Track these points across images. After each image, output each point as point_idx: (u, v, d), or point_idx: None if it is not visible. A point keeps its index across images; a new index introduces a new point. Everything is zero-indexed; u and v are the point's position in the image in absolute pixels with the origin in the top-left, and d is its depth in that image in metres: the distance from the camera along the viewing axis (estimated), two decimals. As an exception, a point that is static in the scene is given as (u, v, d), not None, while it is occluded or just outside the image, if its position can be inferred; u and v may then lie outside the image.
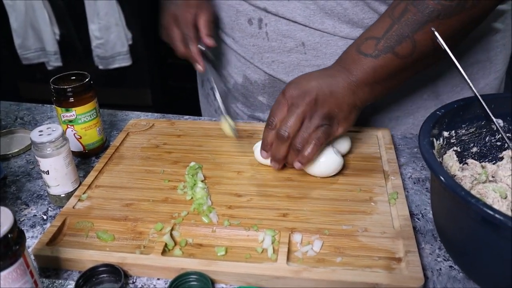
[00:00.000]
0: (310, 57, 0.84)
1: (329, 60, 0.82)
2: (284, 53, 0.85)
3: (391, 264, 0.57)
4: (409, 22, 0.66)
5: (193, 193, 0.68)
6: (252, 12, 0.83)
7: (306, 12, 0.79)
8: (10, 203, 0.71)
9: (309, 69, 0.84)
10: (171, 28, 0.82)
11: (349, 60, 0.70)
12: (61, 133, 0.66)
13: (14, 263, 0.46)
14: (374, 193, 0.69)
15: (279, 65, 0.86)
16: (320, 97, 0.68)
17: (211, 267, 0.56)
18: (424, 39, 0.66)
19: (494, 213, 0.44)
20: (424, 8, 0.65)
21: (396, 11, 0.68)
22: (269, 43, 0.85)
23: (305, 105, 0.67)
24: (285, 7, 0.80)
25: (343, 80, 0.69)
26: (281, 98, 0.70)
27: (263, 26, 0.83)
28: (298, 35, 0.82)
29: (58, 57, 2.36)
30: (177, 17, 0.81)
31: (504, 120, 0.64)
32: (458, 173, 0.62)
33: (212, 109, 1.04)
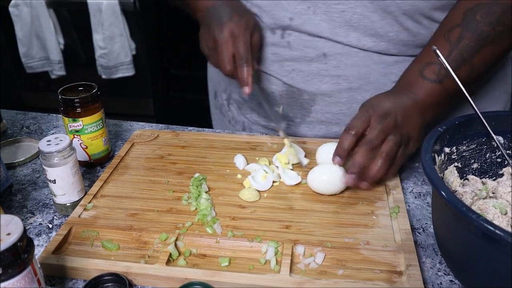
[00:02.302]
0: (330, 67, 0.84)
1: (348, 70, 0.84)
2: (305, 62, 0.85)
3: (392, 277, 0.58)
4: (467, 48, 0.70)
5: (197, 204, 0.69)
6: (273, 25, 0.84)
7: (331, 24, 0.80)
8: (16, 211, 0.72)
9: (328, 78, 0.85)
10: (225, 45, 0.77)
11: (414, 85, 0.73)
12: (68, 143, 0.67)
13: (22, 271, 0.47)
14: (376, 206, 0.70)
15: (298, 74, 0.87)
16: (399, 119, 0.70)
17: (215, 277, 0.57)
18: (481, 61, 0.71)
19: (494, 229, 0.45)
20: (479, 34, 0.70)
21: (452, 36, 0.71)
22: (290, 52, 0.85)
23: (387, 123, 0.69)
24: (311, 20, 0.80)
25: (412, 103, 0.72)
26: (363, 112, 0.70)
27: (286, 36, 0.84)
28: (321, 46, 0.83)
29: (62, 66, 2.38)
30: (234, 35, 0.77)
31: (504, 137, 0.66)
32: (459, 189, 0.63)
33: (226, 120, 1.04)
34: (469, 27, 0.70)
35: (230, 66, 0.78)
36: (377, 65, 0.83)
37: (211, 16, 0.81)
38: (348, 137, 0.68)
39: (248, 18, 0.81)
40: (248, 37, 0.78)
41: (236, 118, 1.01)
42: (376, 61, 0.83)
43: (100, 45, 2.25)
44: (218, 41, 0.78)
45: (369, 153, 0.68)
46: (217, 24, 0.78)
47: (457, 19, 0.73)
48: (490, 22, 0.70)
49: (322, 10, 0.79)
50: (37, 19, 2.25)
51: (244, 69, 0.77)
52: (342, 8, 0.78)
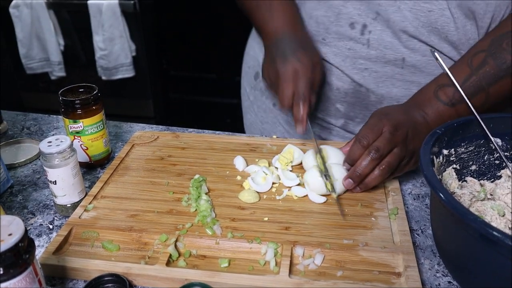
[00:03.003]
0: (406, 72, 0.83)
1: (424, 78, 0.83)
2: (380, 63, 0.84)
3: (390, 278, 0.58)
4: (487, 75, 0.70)
5: (197, 205, 0.69)
6: (357, 16, 0.82)
7: (415, 22, 0.78)
8: (16, 212, 0.72)
9: (401, 83, 0.85)
10: (286, 82, 0.77)
11: (427, 104, 0.74)
12: (69, 144, 0.67)
13: (24, 271, 0.47)
14: (374, 208, 0.70)
15: (371, 74, 0.86)
16: (409, 134, 0.71)
17: (215, 278, 0.57)
18: (498, 92, 0.71)
19: (492, 231, 0.45)
20: (502, 63, 0.69)
21: (475, 61, 0.71)
22: (367, 50, 0.84)
23: (398, 135, 0.69)
24: (396, 13, 0.79)
25: (423, 122, 0.73)
26: (376, 121, 0.71)
27: (366, 33, 0.82)
28: (401, 50, 0.82)
29: (62, 67, 2.38)
30: (298, 73, 0.77)
31: (502, 140, 0.66)
32: (457, 191, 0.63)
33: (268, 103, 1.02)
34: (494, 54, 0.70)
35: (289, 103, 0.77)
36: None
37: (276, 49, 0.81)
38: (359, 148, 0.70)
39: (313, 55, 0.80)
40: (309, 75, 0.77)
41: None
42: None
43: (100, 47, 2.25)
44: (280, 76, 0.77)
45: (373, 162, 0.69)
46: (282, 59, 0.78)
47: (484, 45, 0.73)
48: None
49: (409, 6, 0.78)
50: (38, 20, 2.25)
51: (300, 108, 0.76)
52: (430, 8, 0.77)
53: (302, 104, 0.76)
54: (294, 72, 0.77)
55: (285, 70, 0.77)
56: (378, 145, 0.68)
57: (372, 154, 0.69)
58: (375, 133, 0.70)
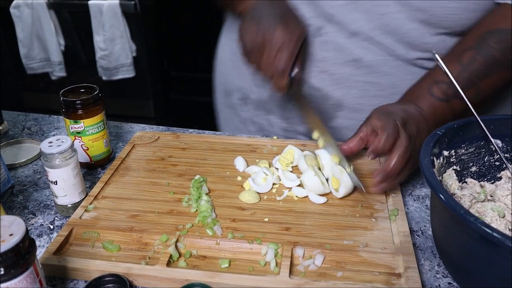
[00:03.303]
0: (362, 73, 0.84)
1: (381, 78, 0.84)
2: (337, 65, 0.84)
3: (391, 279, 0.58)
4: (477, 71, 0.72)
5: (197, 205, 0.70)
6: (311, 18, 0.82)
7: (370, 24, 0.79)
8: (17, 212, 0.72)
9: (358, 84, 0.85)
10: (273, 49, 0.75)
11: (421, 99, 0.75)
12: (70, 144, 0.67)
13: (24, 271, 0.47)
14: (375, 209, 0.70)
15: (327, 76, 0.86)
16: (415, 129, 0.71)
17: (215, 279, 0.57)
18: (488, 86, 0.73)
19: (492, 232, 0.45)
20: (491, 60, 0.71)
21: (464, 59, 0.72)
22: (321, 53, 0.84)
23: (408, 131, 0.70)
24: (350, 16, 0.79)
25: (420, 115, 0.73)
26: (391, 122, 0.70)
27: (320, 35, 0.83)
28: (355, 51, 0.82)
29: (62, 67, 2.38)
30: (285, 42, 0.75)
31: (502, 141, 0.66)
32: (458, 192, 0.63)
33: (237, 120, 1.02)
34: (482, 51, 0.72)
35: (271, 71, 0.76)
36: (407, 75, 0.83)
37: (262, 11, 0.78)
38: (388, 139, 0.69)
39: (300, 28, 0.79)
40: (297, 49, 0.76)
41: (253, 119, 0.99)
42: (407, 72, 0.83)
43: (100, 47, 2.25)
44: (268, 41, 0.75)
45: (403, 159, 0.69)
46: (270, 23, 0.75)
47: (471, 43, 0.74)
48: (502, 48, 0.72)
49: (363, 8, 0.79)
50: (38, 20, 2.25)
51: (280, 80, 0.76)
52: (384, 11, 0.78)
53: (281, 76, 0.76)
54: (283, 40, 0.75)
55: (274, 37, 0.75)
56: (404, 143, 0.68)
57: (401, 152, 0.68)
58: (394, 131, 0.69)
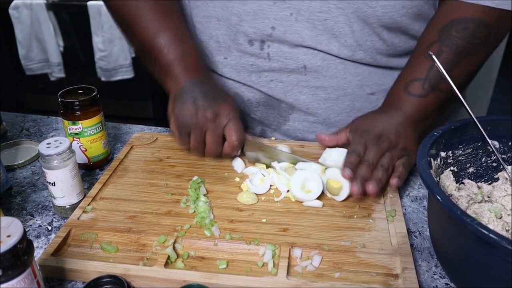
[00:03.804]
0: (310, 78, 0.86)
1: (327, 82, 0.86)
2: (284, 73, 0.87)
3: (388, 280, 0.58)
4: (446, 61, 0.73)
5: (195, 206, 0.70)
6: (253, 34, 0.84)
7: (313, 32, 0.81)
8: (15, 213, 0.72)
9: (307, 89, 0.87)
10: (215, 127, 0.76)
11: (402, 101, 0.77)
12: (68, 146, 0.68)
13: (22, 272, 0.47)
14: (372, 210, 0.70)
15: (277, 84, 0.88)
16: (392, 139, 0.73)
17: (213, 280, 0.57)
18: (460, 74, 0.75)
19: (489, 233, 0.45)
20: (456, 48, 0.74)
21: (431, 52, 0.73)
22: (269, 63, 0.86)
23: (382, 145, 0.72)
24: (293, 27, 0.81)
25: (403, 120, 0.75)
26: (358, 138, 0.73)
27: (265, 48, 0.85)
28: (301, 58, 0.84)
29: (61, 68, 2.39)
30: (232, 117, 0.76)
31: (499, 142, 0.66)
32: (455, 193, 0.64)
33: None
34: (446, 42, 0.74)
35: (218, 149, 0.77)
36: (353, 77, 0.86)
37: (196, 91, 0.77)
38: (353, 156, 0.71)
39: (233, 100, 0.80)
40: (236, 115, 0.77)
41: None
42: (353, 73, 0.86)
43: (99, 48, 2.26)
44: (210, 120, 0.75)
45: (369, 168, 0.70)
46: (209, 102, 0.76)
47: (434, 36, 0.76)
48: (465, 36, 0.74)
49: (305, 17, 0.80)
50: (37, 21, 2.26)
51: (233, 151, 0.78)
52: (325, 17, 0.79)
53: (238, 148, 0.78)
54: (225, 116, 0.76)
55: (214, 115, 0.75)
56: (367, 158, 0.70)
57: (366, 165, 0.70)
58: (362, 147, 0.72)
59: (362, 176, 0.69)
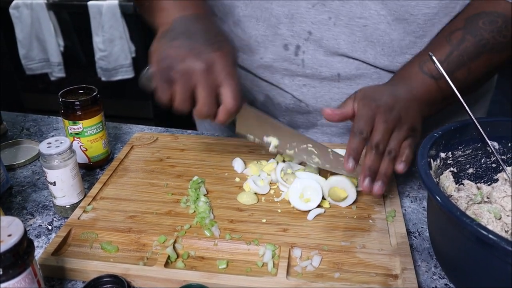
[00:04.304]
0: (343, 85, 0.85)
1: None
2: (317, 80, 0.85)
3: (388, 280, 0.58)
4: (467, 51, 0.71)
5: (195, 206, 0.70)
6: (290, 37, 0.82)
7: (350, 38, 0.79)
8: (15, 213, 0.72)
9: (338, 96, 0.86)
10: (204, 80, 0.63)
11: (413, 78, 0.73)
12: (69, 145, 0.68)
13: (23, 272, 0.47)
14: (372, 210, 0.71)
15: (309, 90, 0.86)
16: (402, 113, 0.69)
17: (213, 279, 0.57)
18: (478, 67, 0.72)
19: (488, 234, 0.45)
20: (480, 40, 0.71)
21: (454, 38, 0.72)
22: (303, 69, 0.84)
23: (391, 120, 0.67)
24: (330, 31, 0.80)
25: (411, 97, 0.71)
26: (367, 109, 0.68)
27: (300, 54, 0.83)
28: (335, 66, 0.82)
29: (61, 68, 2.39)
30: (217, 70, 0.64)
31: (499, 143, 0.66)
32: (454, 194, 0.64)
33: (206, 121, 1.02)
34: (471, 31, 0.71)
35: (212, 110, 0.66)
36: None
37: (186, 28, 0.66)
38: (357, 140, 0.66)
39: (232, 48, 0.68)
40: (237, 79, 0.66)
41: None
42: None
43: (100, 48, 2.26)
44: (201, 72, 0.62)
45: (377, 156, 0.67)
46: (198, 46, 0.63)
47: (460, 24, 0.74)
48: (491, 30, 0.71)
49: (344, 22, 0.79)
50: (38, 21, 2.26)
51: (228, 118, 0.67)
52: (365, 23, 0.78)
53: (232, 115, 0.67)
54: (220, 72, 0.64)
55: (204, 64, 0.62)
56: (377, 141, 0.66)
57: (375, 152, 0.66)
58: (369, 124, 0.67)
59: (372, 170, 0.66)
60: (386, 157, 0.67)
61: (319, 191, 0.71)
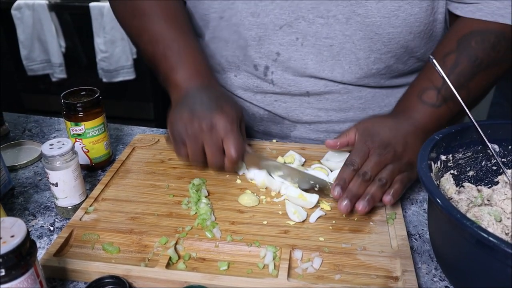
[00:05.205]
0: (313, 101, 0.87)
1: (330, 104, 0.87)
2: (288, 96, 0.88)
3: (388, 282, 0.58)
4: (463, 73, 0.72)
5: (197, 208, 0.70)
6: (258, 59, 0.85)
7: (318, 57, 0.81)
8: (17, 214, 0.73)
9: (309, 111, 0.89)
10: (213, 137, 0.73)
11: (414, 109, 0.75)
12: (71, 147, 0.68)
13: (25, 273, 0.48)
14: (373, 213, 0.71)
15: (281, 105, 0.90)
16: (399, 149, 0.70)
17: (214, 281, 0.57)
18: (476, 86, 0.73)
19: (488, 236, 0.45)
20: (474, 60, 0.71)
21: (448, 62, 0.73)
22: (273, 88, 0.87)
23: (385, 154, 0.69)
24: (298, 51, 0.82)
25: (413, 129, 0.73)
26: (362, 144, 0.70)
27: (268, 74, 0.86)
28: (304, 84, 0.85)
29: (63, 69, 2.39)
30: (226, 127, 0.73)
31: (499, 146, 0.67)
32: (455, 196, 0.64)
33: None
34: (465, 53, 0.72)
35: (220, 162, 0.75)
36: (356, 101, 0.86)
37: (195, 98, 0.76)
38: (348, 171, 0.68)
39: (237, 109, 0.77)
40: (240, 132, 0.75)
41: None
42: (356, 97, 0.86)
43: (101, 49, 2.26)
44: (206, 131, 0.72)
45: (362, 182, 0.67)
46: (205, 111, 0.73)
47: (452, 46, 0.74)
48: (484, 48, 0.72)
49: (311, 42, 0.81)
50: (39, 22, 2.26)
51: (233, 166, 0.75)
52: (331, 43, 0.80)
53: (236, 163, 0.74)
54: (222, 127, 0.72)
55: (209, 125, 0.72)
56: (365, 170, 0.68)
57: (361, 178, 0.68)
58: (362, 158, 0.69)
59: (352, 193, 0.67)
60: (376, 183, 0.68)
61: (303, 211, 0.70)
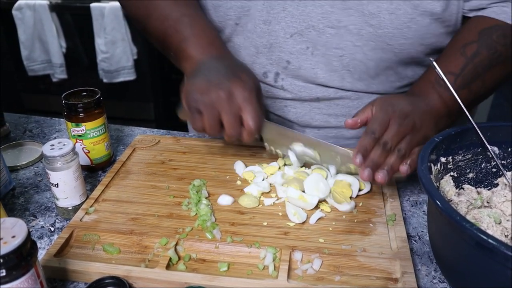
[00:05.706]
0: (323, 106, 0.87)
1: (340, 110, 0.87)
2: (298, 102, 0.88)
3: (388, 284, 0.59)
4: (482, 63, 0.73)
5: (197, 209, 0.70)
6: (269, 65, 0.85)
7: (328, 67, 0.81)
8: (18, 214, 0.73)
9: (319, 116, 0.88)
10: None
11: (430, 93, 0.75)
12: (72, 147, 0.68)
13: (26, 273, 0.48)
14: (372, 214, 0.71)
15: (290, 110, 0.89)
16: (417, 122, 0.70)
17: (214, 282, 0.58)
18: (492, 78, 0.74)
19: (487, 238, 0.46)
20: (494, 52, 0.73)
21: (468, 51, 0.73)
22: (284, 93, 0.87)
23: (405, 125, 0.68)
24: (308, 60, 0.82)
25: (428, 109, 0.73)
26: (383, 113, 0.69)
27: (279, 80, 0.86)
28: (314, 91, 0.85)
29: (63, 69, 2.39)
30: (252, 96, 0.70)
31: (499, 148, 0.67)
32: (454, 198, 0.64)
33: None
34: (485, 44, 0.73)
35: (239, 131, 0.71)
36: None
37: (210, 67, 0.74)
38: (369, 139, 0.67)
39: (254, 79, 0.75)
40: (258, 102, 0.72)
41: None
42: (365, 103, 0.84)
43: (102, 49, 2.26)
44: (224, 100, 0.69)
45: (383, 152, 0.67)
46: (221, 79, 0.70)
47: (473, 36, 0.75)
48: (505, 43, 0.73)
49: (321, 52, 0.81)
50: (40, 22, 2.26)
51: (251, 137, 0.72)
52: (341, 53, 0.80)
53: (254, 134, 0.72)
54: (241, 96, 0.70)
55: (227, 93, 0.69)
56: (386, 139, 0.67)
57: (382, 148, 0.67)
58: (383, 126, 0.68)
59: (374, 162, 0.67)
60: (394, 153, 0.68)
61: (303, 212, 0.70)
